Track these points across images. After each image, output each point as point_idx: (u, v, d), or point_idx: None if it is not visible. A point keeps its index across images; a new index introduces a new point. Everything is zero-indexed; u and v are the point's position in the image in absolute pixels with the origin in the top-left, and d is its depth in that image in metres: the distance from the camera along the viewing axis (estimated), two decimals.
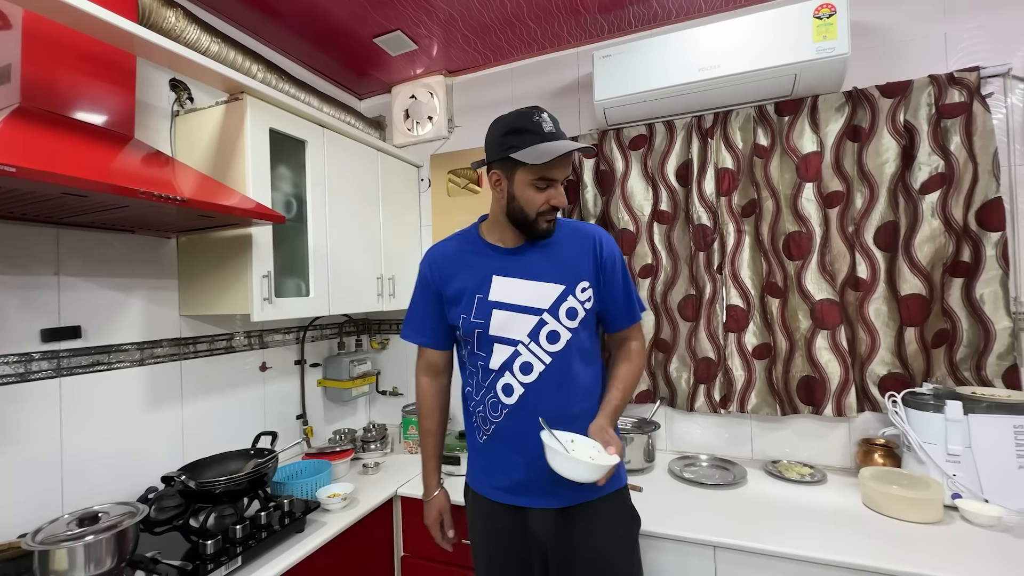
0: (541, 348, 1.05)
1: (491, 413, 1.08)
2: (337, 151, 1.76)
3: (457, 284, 1.09)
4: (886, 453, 1.50)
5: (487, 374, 1.08)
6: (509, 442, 1.06)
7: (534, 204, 1.01)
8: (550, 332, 1.05)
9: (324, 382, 2.05)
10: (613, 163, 1.82)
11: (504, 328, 1.05)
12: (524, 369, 1.05)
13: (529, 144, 0.97)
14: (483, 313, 1.06)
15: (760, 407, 1.64)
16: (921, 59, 1.52)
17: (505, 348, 1.05)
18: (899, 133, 1.48)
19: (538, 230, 1.04)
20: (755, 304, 1.65)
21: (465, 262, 1.11)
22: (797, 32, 1.45)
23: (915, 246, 1.47)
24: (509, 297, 1.05)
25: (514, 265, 1.08)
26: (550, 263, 1.08)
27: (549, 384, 1.05)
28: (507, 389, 1.06)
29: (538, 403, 1.04)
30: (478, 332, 1.06)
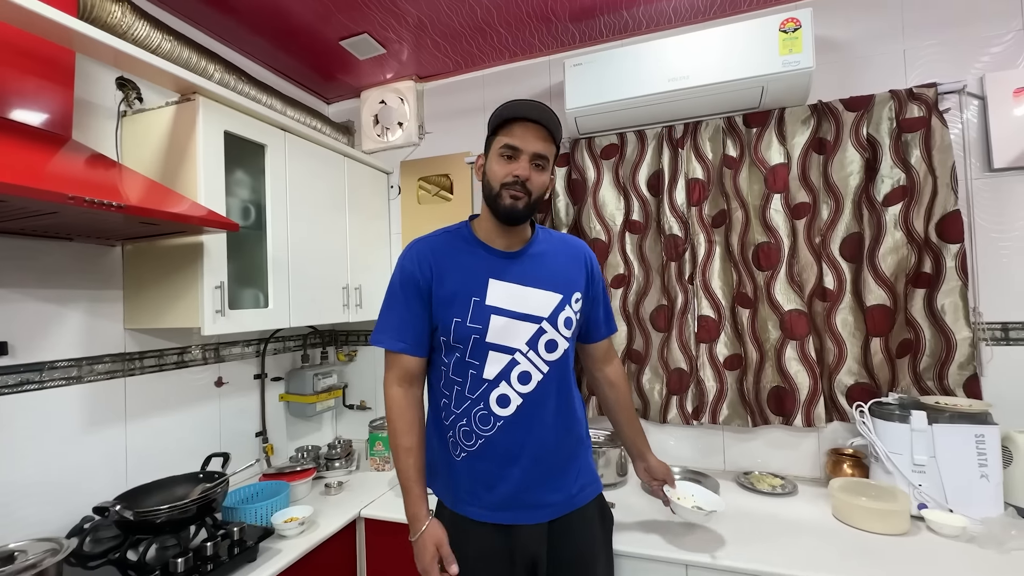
0: (540, 357, 1.01)
1: (479, 426, 1.00)
2: (300, 156, 1.69)
3: (450, 283, 1.00)
4: (855, 463, 1.50)
5: (478, 384, 1.00)
6: (501, 456, 0.99)
7: (498, 176, 0.98)
8: (548, 341, 1.02)
9: (287, 397, 1.96)
10: (585, 172, 1.80)
11: (502, 335, 0.99)
12: (522, 379, 1.00)
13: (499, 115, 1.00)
14: (480, 317, 0.99)
15: (732, 418, 1.63)
16: (882, 74, 1.56)
17: (502, 356, 0.99)
18: (862, 146, 1.50)
19: (501, 206, 0.98)
20: (726, 314, 1.65)
21: (457, 260, 1.03)
22: (764, 45, 1.47)
23: (879, 257, 1.49)
24: (508, 303, 1.00)
25: (511, 269, 1.03)
26: (547, 271, 1.05)
27: (548, 394, 1.02)
28: (503, 400, 0.99)
29: (536, 414, 1.01)
30: (474, 338, 0.99)
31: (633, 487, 1.60)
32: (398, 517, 1.47)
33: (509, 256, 1.04)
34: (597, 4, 1.65)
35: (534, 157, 0.97)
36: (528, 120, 0.96)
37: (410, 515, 1.00)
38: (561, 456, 1.04)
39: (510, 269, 1.02)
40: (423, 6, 1.62)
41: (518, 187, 0.97)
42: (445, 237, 1.07)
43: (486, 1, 1.61)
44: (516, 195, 0.97)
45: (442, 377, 1.04)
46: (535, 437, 1.00)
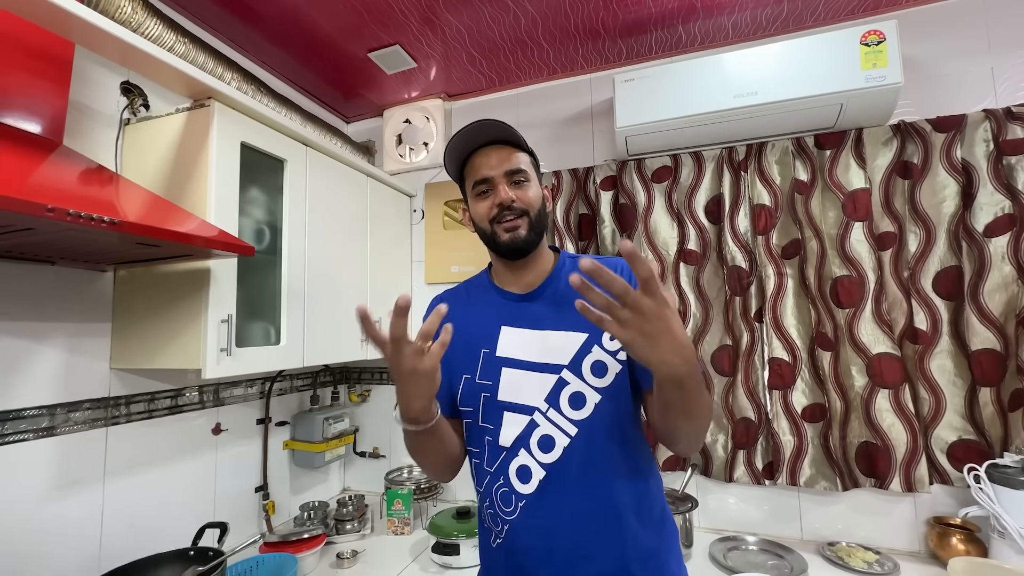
0: (563, 416, 0.80)
1: (503, 508, 0.81)
2: (322, 174, 1.52)
3: (462, 336, 0.83)
4: (966, 537, 1.27)
5: (496, 453, 0.82)
6: (528, 548, 0.78)
7: (482, 214, 0.86)
8: (573, 394, 0.80)
9: (292, 444, 1.72)
10: (635, 196, 1.64)
11: (516, 391, 0.81)
12: (543, 445, 0.79)
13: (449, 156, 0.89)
14: (490, 372, 0.83)
15: (815, 479, 1.41)
16: (969, 93, 1.42)
17: (519, 418, 0.81)
18: (956, 170, 1.35)
19: (501, 242, 0.84)
20: (802, 357, 1.45)
21: (469, 311, 0.89)
22: (844, 59, 1.33)
23: (984, 294, 1.30)
24: (521, 352, 0.83)
25: (526, 313, 0.86)
26: (567, 307, 0.83)
27: (577, 464, 0.78)
28: (523, 473, 0.79)
29: (564, 490, 0.78)
30: (484, 396, 0.83)
31: (701, 558, 1.35)
32: None
33: (525, 298, 0.87)
34: (652, 17, 1.52)
35: (509, 175, 0.84)
36: (481, 146, 0.86)
37: None
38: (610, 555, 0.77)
39: (525, 312, 0.86)
40: (464, 16, 1.49)
41: (509, 215, 0.83)
42: (463, 287, 0.96)
43: (532, 11, 1.48)
44: (512, 225, 0.83)
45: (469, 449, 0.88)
46: (565, 525, 0.77)
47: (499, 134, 0.84)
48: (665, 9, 1.48)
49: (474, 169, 0.86)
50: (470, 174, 0.87)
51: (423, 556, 1.43)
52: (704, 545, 1.42)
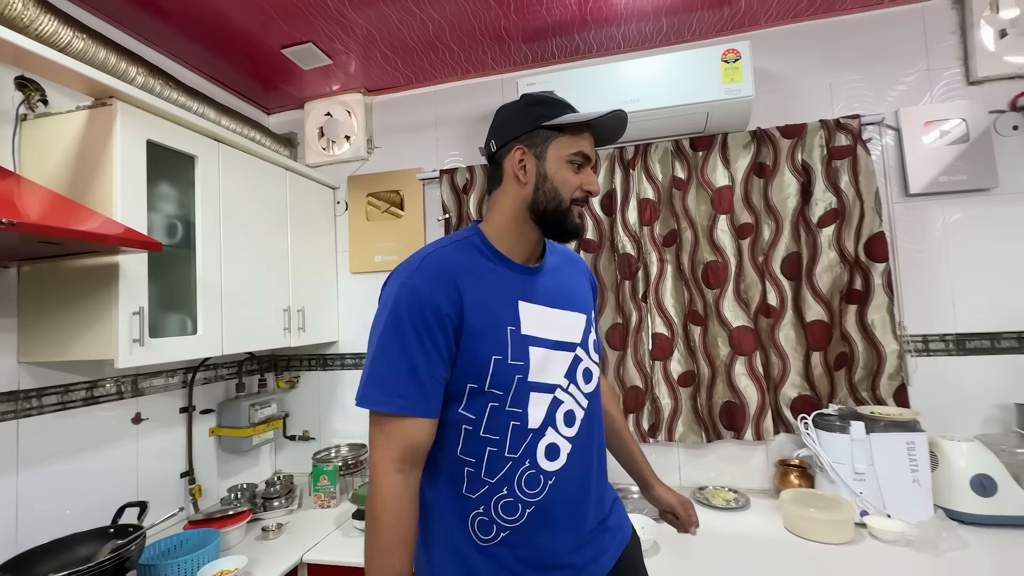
0: (579, 391, 0.84)
1: (526, 492, 0.78)
2: (236, 169, 1.56)
3: (482, 310, 0.77)
4: (801, 474, 1.56)
5: (522, 437, 0.78)
6: (557, 523, 0.79)
7: (569, 186, 0.82)
8: (585, 369, 0.86)
9: (218, 431, 1.78)
10: None
11: (542, 371, 0.80)
12: (568, 420, 0.82)
13: (563, 113, 0.82)
14: (520, 352, 0.78)
15: (687, 435, 1.66)
16: (813, 105, 1.67)
17: (543, 397, 0.80)
18: (798, 171, 1.60)
19: (570, 224, 0.83)
20: (679, 332, 1.68)
21: (483, 279, 0.80)
22: (708, 74, 1.53)
23: (816, 275, 1.58)
24: (541, 330, 0.82)
25: (537, 288, 0.85)
26: (567, 288, 0.89)
27: (591, 434, 0.85)
28: (552, 451, 0.80)
29: (587, 461, 0.84)
30: (518, 379, 0.78)
31: None
32: (347, 560, 1.35)
33: (532, 272, 0.86)
34: (549, 26, 1.66)
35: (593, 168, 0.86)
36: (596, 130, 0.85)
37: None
38: (608, 501, 0.90)
39: (536, 288, 0.84)
40: (372, 18, 1.57)
41: (584, 204, 0.85)
42: (460, 250, 0.82)
43: (438, 16, 1.58)
44: (582, 214, 0.85)
45: (461, 439, 0.78)
46: (592, 489, 0.84)
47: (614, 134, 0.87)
48: (560, 19, 1.63)
49: (583, 140, 0.83)
50: (576, 140, 0.82)
51: (346, 524, 1.56)
52: None
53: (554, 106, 0.84)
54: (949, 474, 1.36)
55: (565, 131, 0.82)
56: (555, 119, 0.82)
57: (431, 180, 1.98)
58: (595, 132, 0.85)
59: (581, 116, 0.82)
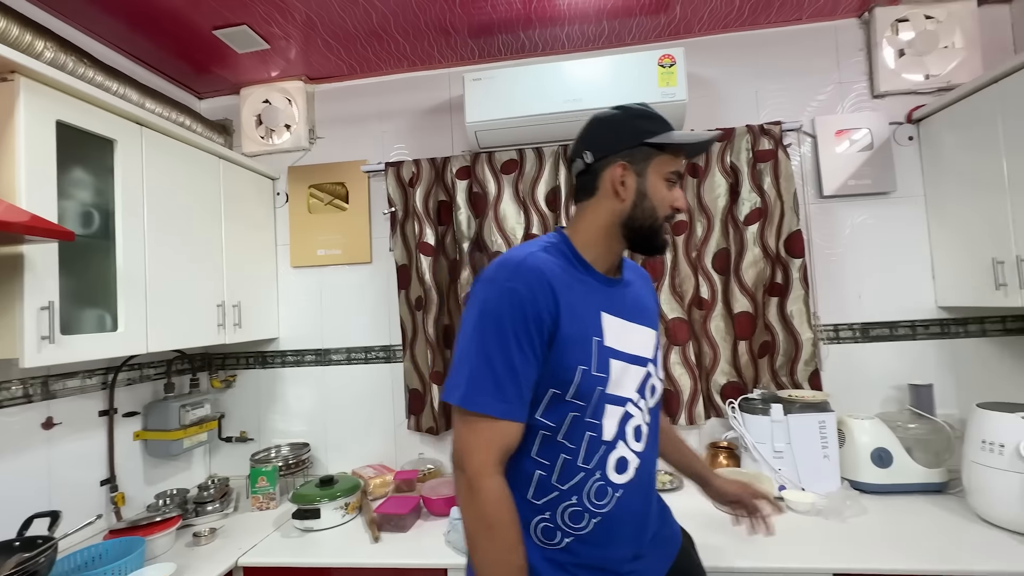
0: (647, 406, 0.85)
1: (594, 503, 0.78)
2: (162, 155, 1.47)
3: (574, 319, 0.77)
4: (729, 454, 1.67)
5: (596, 448, 0.78)
6: (619, 534, 0.80)
7: (665, 203, 0.83)
8: (652, 386, 0.87)
9: (145, 434, 1.67)
10: (486, 186, 1.81)
11: (619, 384, 0.80)
12: (637, 435, 0.82)
13: (663, 130, 0.83)
14: (603, 364, 0.78)
15: None
16: (740, 111, 1.79)
17: (616, 410, 0.80)
18: (727, 172, 1.71)
19: (660, 240, 0.86)
20: None
21: (574, 289, 0.79)
22: (646, 77, 1.61)
23: (743, 270, 1.69)
24: (622, 343, 0.82)
25: (617, 301, 0.85)
26: (640, 303, 0.90)
27: (654, 449, 0.88)
28: (621, 465, 0.80)
29: (648, 476, 0.86)
30: (599, 391, 0.78)
31: None
32: (285, 561, 1.32)
33: (613, 284, 0.86)
34: (495, 22, 1.68)
35: None
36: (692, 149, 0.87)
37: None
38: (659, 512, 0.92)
39: (616, 300, 0.84)
40: (312, 3, 1.52)
41: (671, 220, 0.87)
42: (552, 256, 0.81)
43: (381, 6, 1.55)
44: (668, 229, 0.87)
45: (536, 444, 0.78)
46: (653, 504, 0.87)
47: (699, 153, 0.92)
48: (505, 16, 1.65)
49: (680, 158, 0.85)
50: (676, 160, 0.84)
51: (286, 525, 1.52)
52: None
53: (657, 122, 0.84)
54: (853, 449, 1.51)
55: (666, 149, 0.83)
56: (658, 136, 0.82)
57: (376, 173, 1.95)
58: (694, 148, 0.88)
59: (689, 137, 0.85)
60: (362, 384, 1.95)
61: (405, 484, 1.65)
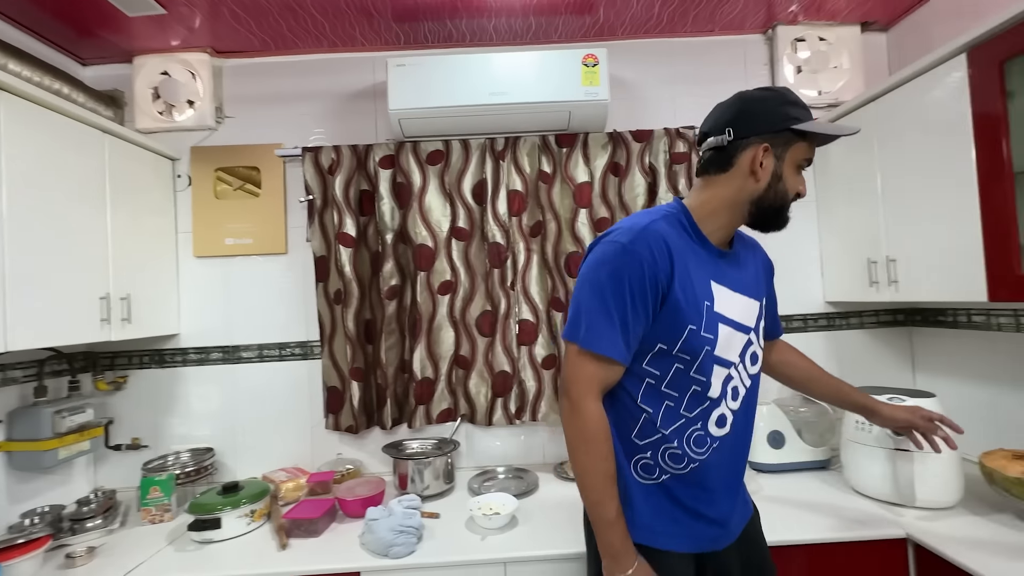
0: (746, 371, 0.93)
1: (694, 449, 0.89)
2: (29, 126, 1.28)
3: (687, 283, 0.86)
4: None
5: (699, 402, 0.88)
6: (711, 480, 0.90)
7: (794, 187, 0.90)
8: (753, 353, 0.95)
9: (8, 445, 1.46)
10: (411, 176, 1.76)
11: (726, 348, 0.89)
12: (735, 395, 0.92)
13: (807, 118, 0.88)
14: (712, 327, 0.87)
15: (548, 414, 1.76)
16: (659, 114, 1.87)
17: (722, 371, 0.89)
18: (646, 172, 1.78)
19: (783, 221, 0.92)
20: (543, 318, 1.77)
21: (688, 256, 0.88)
22: (570, 75, 1.63)
23: None
24: (730, 311, 0.90)
25: (727, 272, 0.92)
26: (747, 275, 0.97)
27: (750, 411, 0.97)
28: (721, 420, 0.90)
29: (744, 433, 0.96)
30: (706, 350, 0.86)
31: (462, 491, 1.60)
32: None
33: (724, 256, 0.93)
34: (420, 7, 1.63)
35: None
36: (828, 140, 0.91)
37: (618, 549, 0.84)
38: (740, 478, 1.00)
39: (726, 271, 0.92)
40: None
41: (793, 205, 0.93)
42: (670, 225, 0.89)
43: None
44: None
45: (642, 390, 0.89)
46: (741, 456, 0.98)
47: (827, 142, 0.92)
48: (431, 2, 1.61)
49: (810, 147, 0.89)
50: (811, 147, 0.90)
51: (182, 538, 1.39)
52: (465, 481, 1.67)
53: (802, 109, 0.88)
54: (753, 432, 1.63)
55: (806, 136, 0.88)
56: (803, 124, 0.87)
57: (293, 158, 1.83)
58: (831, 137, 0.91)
59: (832, 128, 0.89)
60: (276, 383, 1.83)
61: (320, 486, 1.57)
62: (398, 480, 1.60)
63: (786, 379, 1.20)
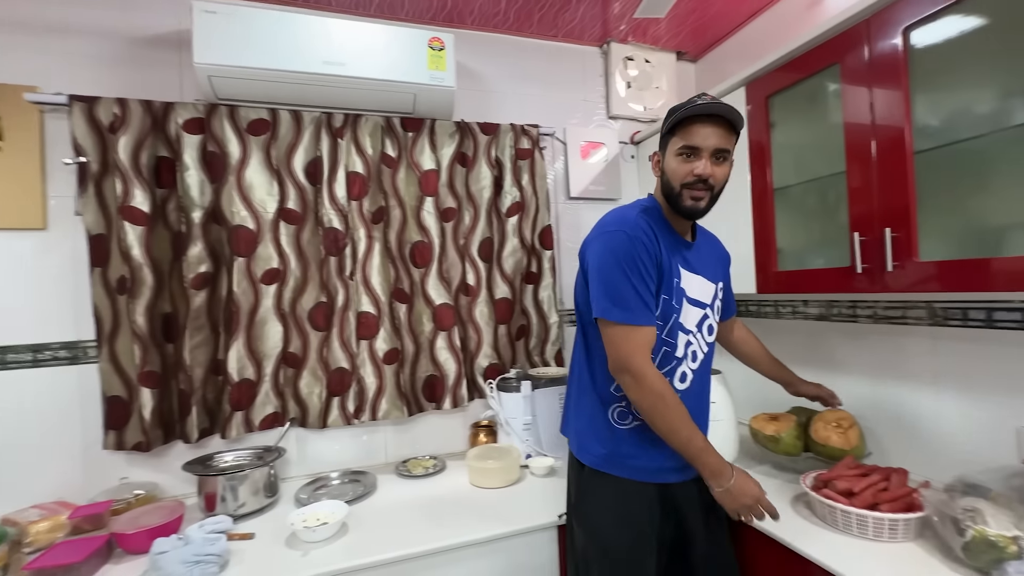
0: (703, 339, 1.13)
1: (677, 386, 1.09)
2: None
3: (666, 262, 1.05)
4: (488, 431, 1.78)
5: (668, 361, 1.07)
6: None
7: (677, 175, 1.03)
8: (709, 325, 1.14)
9: None
10: (226, 146, 1.51)
11: (687, 318, 1.09)
12: (694, 358, 1.11)
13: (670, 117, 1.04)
14: (679, 299, 1.07)
15: (391, 411, 1.67)
16: (507, 109, 1.91)
17: (684, 337, 1.09)
18: (492, 165, 1.80)
19: (682, 206, 1.05)
20: (385, 310, 1.68)
21: (663, 242, 1.06)
22: (416, 56, 1.56)
23: (503, 259, 1.81)
24: (691, 290, 1.10)
25: (689, 257, 1.11)
26: (707, 262, 1.16)
27: (705, 371, 1.15)
28: (683, 376, 1.10)
29: (702, 389, 1.16)
30: (674, 317, 1.07)
31: (287, 504, 1.42)
32: None
33: (688, 245, 1.13)
34: None
35: (714, 152, 1.02)
36: (706, 117, 1.00)
37: (716, 467, 1.00)
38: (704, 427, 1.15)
39: (689, 256, 1.11)
40: None
41: (700, 186, 1.02)
42: (650, 215, 1.08)
43: None
44: (698, 195, 1.03)
45: None
46: (700, 409, 1.15)
47: (726, 114, 1.00)
48: None
49: (691, 133, 1.01)
50: (684, 135, 1.01)
51: None
52: (292, 492, 1.49)
53: (677, 110, 1.03)
54: None
55: (675, 132, 1.04)
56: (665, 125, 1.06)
57: (55, 107, 1.43)
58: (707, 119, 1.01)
59: (676, 116, 1.03)
60: (29, 396, 1.42)
61: (88, 522, 1.26)
62: (204, 501, 1.36)
63: (742, 355, 1.45)
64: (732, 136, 1.05)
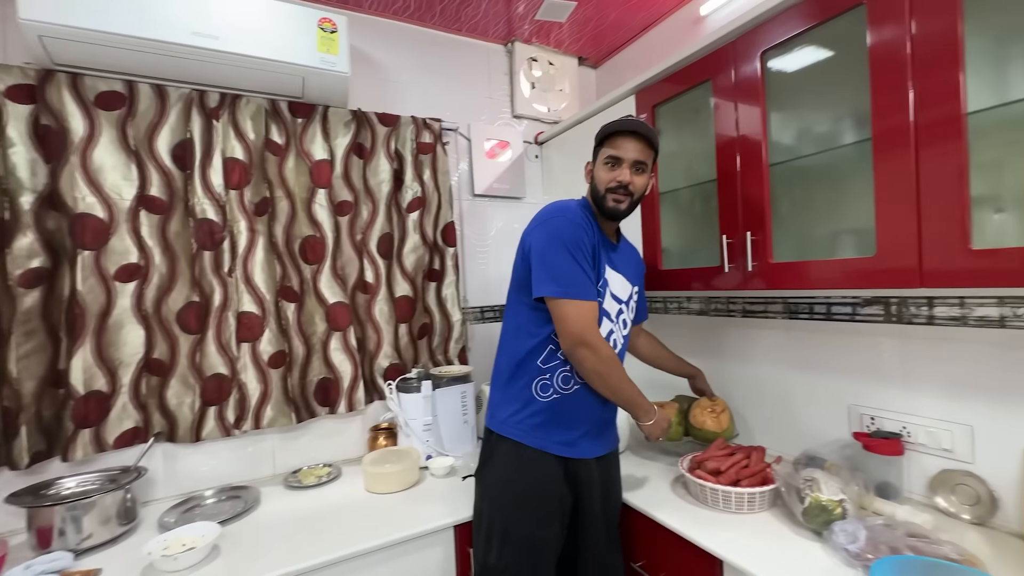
0: (621, 330, 1.22)
1: (577, 374, 1.14)
2: None
3: (597, 257, 1.15)
4: (388, 434, 1.71)
5: None
6: (587, 403, 1.16)
7: (603, 181, 1.16)
8: (625, 319, 1.24)
9: None
10: (66, 120, 1.29)
11: (610, 308, 1.19)
12: (614, 345, 1.20)
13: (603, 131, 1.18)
14: (603, 288, 1.17)
15: (277, 419, 1.55)
16: (407, 101, 1.84)
17: (608, 324, 1.18)
18: (392, 158, 1.73)
19: (606, 207, 1.17)
20: (270, 310, 1.54)
21: (593, 234, 1.16)
22: (304, 36, 1.44)
23: (404, 255, 1.75)
24: (612, 283, 1.19)
25: (613, 256, 1.22)
26: (627, 265, 1.27)
27: (621, 356, 1.22)
28: None
29: None
30: (600, 304, 1.15)
31: (149, 530, 1.25)
32: None
33: (612, 246, 1.24)
34: None
35: (634, 164, 1.14)
36: (628, 133, 1.14)
37: (647, 408, 1.17)
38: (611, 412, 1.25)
39: (613, 256, 1.22)
40: None
41: (621, 191, 1.14)
42: (587, 211, 1.19)
43: None
44: (619, 199, 1.15)
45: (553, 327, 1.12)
46: None
47: (644, 132, 1.14)
48: None
49: (615, 146, 1.15)
50: (610, 147, 1.16)
51: None
52: (154, 518, 1.32)
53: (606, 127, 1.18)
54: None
55: (604, 144, 1.18)
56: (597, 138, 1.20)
57: None
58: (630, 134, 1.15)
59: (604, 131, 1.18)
60: None
61: None
62: (36, 537, 1.15)
63: (647, 357, 1.53)
64: (651, 151, 1.18)
